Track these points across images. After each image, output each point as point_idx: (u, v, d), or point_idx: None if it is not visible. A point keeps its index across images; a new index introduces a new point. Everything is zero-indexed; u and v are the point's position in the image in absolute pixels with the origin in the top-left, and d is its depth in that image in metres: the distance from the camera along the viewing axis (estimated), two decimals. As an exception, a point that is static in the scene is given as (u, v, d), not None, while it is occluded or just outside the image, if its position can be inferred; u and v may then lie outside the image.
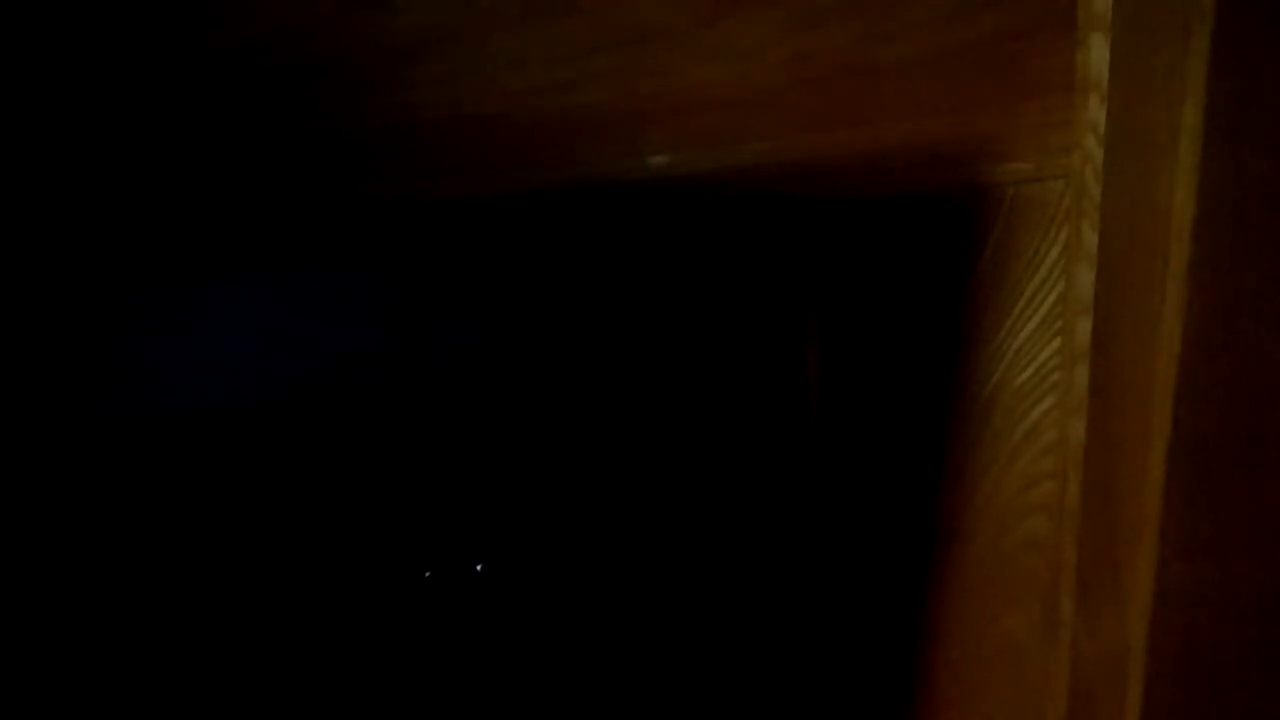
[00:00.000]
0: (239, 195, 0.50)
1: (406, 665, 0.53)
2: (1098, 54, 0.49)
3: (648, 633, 0.54)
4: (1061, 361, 0.57)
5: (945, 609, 0.64)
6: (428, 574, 0.51)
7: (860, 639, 0.65)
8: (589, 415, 0.49)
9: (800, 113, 0.51)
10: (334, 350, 0.47)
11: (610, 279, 0.47)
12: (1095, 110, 0.50)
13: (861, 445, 0.60)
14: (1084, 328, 0.55)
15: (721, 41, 0.49)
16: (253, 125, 0.49)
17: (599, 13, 0.47)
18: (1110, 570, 0.59)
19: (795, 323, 0.49)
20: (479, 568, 0.51)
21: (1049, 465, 0.60)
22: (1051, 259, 0.55)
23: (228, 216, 0.50)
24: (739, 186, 0.51)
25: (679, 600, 0.53)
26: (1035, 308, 0.56)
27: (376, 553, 0.51)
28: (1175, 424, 0.53)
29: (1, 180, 0.48)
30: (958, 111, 0.51)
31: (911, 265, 0.55)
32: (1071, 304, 0.55)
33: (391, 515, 0.50)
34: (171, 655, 0.51)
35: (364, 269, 0.47)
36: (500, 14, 0.47)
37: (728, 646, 0.55)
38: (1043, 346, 0.57)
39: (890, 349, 0.57)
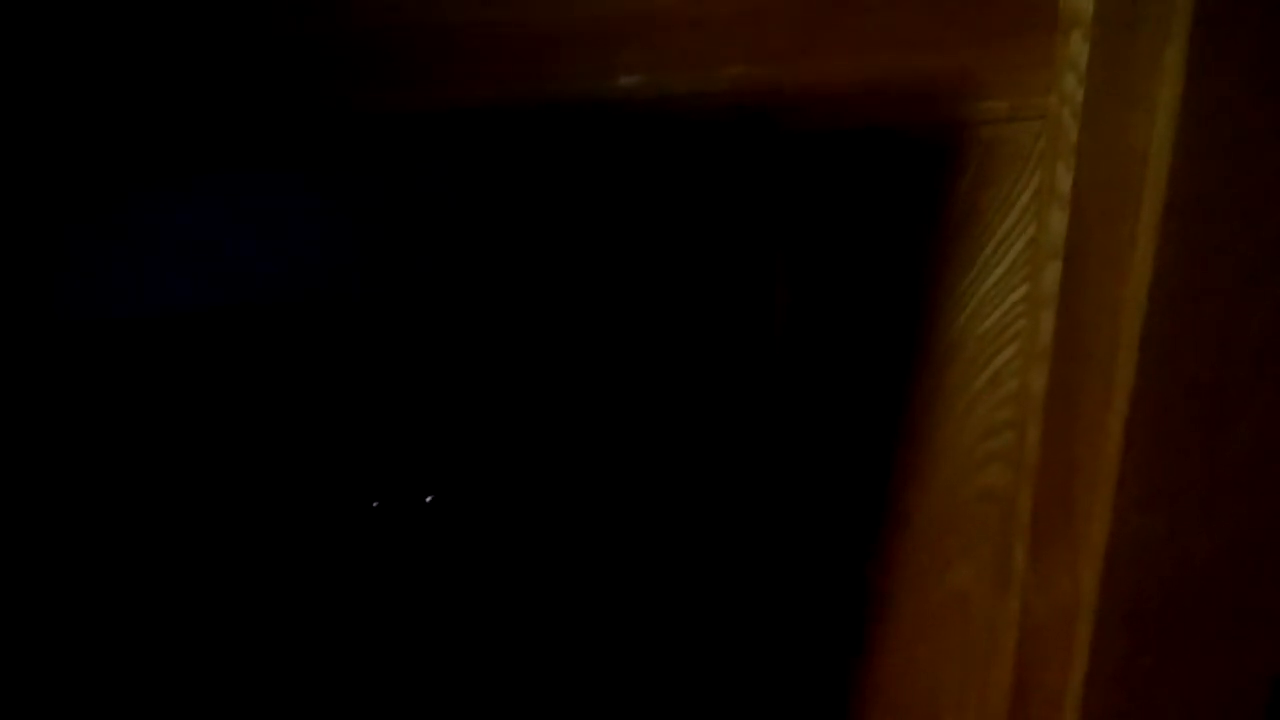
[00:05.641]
0: (185, 100, 0.47)
1: (352, 596, 0.51)
2: (1083, -12, 0.49)
3: (599, 565, 0.53)
4: (1027, 308, 0.57)
5: (897, 557, 0.64)
6: (375, 504, 0.49)
7: (810, 585, 0.64)
8: (548, 342, 0.48)
9: (777, 38, 0.49)
10: (282, 265, 0.45)
11: (575, 201, 0.46)
12: (1076, 47, 0.50)
13: (821, 386, 0.59)
14: (1052, 273, 0.55)
15: (699, -40, 0.48)
16: (215, 28, 0.46)
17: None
18: (1065, 522, 0.59)
19: (763, 253, 0.48)
20: (428, 499, 0.50)
21: (1009, 414, 0.60)
22: (1024, 201, 0.54)
23: (171, 122, 0.48)
24: (712, 111, 0.50)
25: (631, 537, 0.52)
26: (1004, 251, 0.55)
27: (323, 481, 0.49)
28: (1138, 375, 0.52)
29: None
30: (937, 45, 0.50)
31: (882, 202, 0.54)
32: (1042, 248, 0.54)
33: (339, 442, 0.49)
34: (109, 570, 0.49)
35: (318, 181, 0.45)
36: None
37: (676, 589, 0.54)
38: (1009, 292, 0.56)
39: (856, 289, 0.56)
